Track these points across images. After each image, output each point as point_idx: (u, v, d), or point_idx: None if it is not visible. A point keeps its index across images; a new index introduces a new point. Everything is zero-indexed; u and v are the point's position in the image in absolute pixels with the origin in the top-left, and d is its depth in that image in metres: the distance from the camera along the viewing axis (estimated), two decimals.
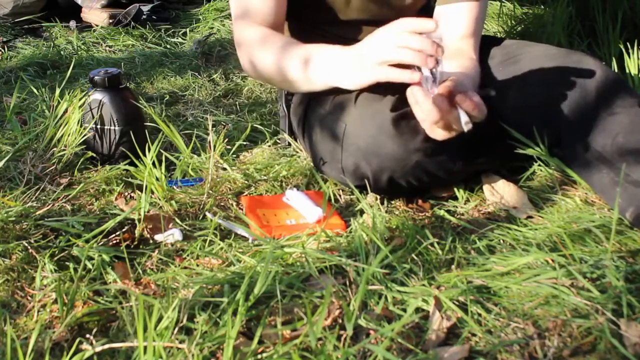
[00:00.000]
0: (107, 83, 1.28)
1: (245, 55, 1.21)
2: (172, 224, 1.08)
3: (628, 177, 1.03)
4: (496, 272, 0.91)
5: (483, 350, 0.79)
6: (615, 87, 1.10)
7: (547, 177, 1.21)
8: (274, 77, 1.19)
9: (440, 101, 0.93)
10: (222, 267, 0.95)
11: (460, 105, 0.94)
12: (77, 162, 1.28)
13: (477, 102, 0.95)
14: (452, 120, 0.96)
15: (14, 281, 0.93)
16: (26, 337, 0.81)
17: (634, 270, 0.92)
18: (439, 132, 0.99)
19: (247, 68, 1.23)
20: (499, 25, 2.24)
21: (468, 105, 0.94)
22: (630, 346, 0.77)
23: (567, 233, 0.98)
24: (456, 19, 1.21)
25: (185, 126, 1.55)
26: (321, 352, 0.73)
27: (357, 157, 1.07)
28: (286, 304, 0.86)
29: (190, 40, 2.44)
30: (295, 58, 1.12)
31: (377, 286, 0.89)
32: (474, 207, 1.14)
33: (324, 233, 1.01)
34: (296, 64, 1.12)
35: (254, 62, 1.20)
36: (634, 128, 1.05)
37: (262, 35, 1.18)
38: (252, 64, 1.21)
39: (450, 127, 0.97)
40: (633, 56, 1.58)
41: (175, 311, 0.78)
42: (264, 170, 1.27)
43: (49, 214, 1.10)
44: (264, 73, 1.20)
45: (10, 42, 2.42)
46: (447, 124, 0.96)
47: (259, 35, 1.18)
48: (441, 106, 0.93)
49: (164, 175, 1.15)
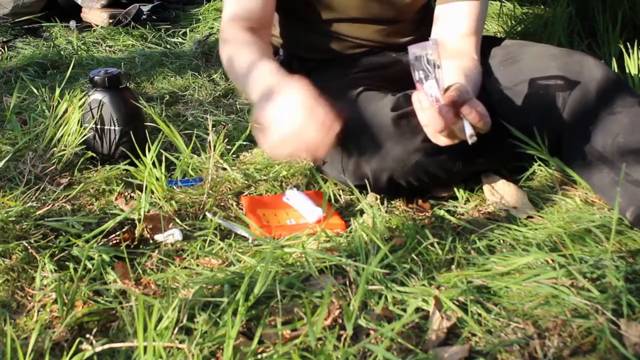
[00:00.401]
0: (107, 83, 1.28)
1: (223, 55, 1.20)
2: (172, 224, 1.08)
3: (628, 176, 1.03)
4: (496, 272, 0.91)
5: (483, 350, 0.79)
6: (616, 87, 1.10)
7: (547, 177, 1.21)
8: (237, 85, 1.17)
9: (446, 111, 0.92)
10: (222, 267, 0.95)
11: (466, 117, 0.93)
12: (77, 162, 1.28)
13: (482, 114, 0.94)
14: (457, 131, 0.95)
15: (14, 281, 0.93)
16: (26, 337, 0.81)
17: (634, 270, 0.92)
18: (442, 139, 0.98)
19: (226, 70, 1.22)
20: (499, 25, 2.23)
21: (474, 117, 0.93)
22: (630, 346, 0.77)
23: (567, 233, 0.98)
24: (456, 18, 1.20)
25: (185, 126, 1.55)
26: (321, 352, 0.73)
27: (357, 157, 1.07)
28: (286, 304, 0.86)
29: (190, 40, 2.44)
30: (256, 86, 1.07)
31: (377, 286, 0.89)
32: (474, 207, 1.14)
33: (324, 233, 1.01)
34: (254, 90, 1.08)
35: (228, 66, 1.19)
36: (634, 128, 1.05)
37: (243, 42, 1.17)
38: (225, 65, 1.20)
39: (454, 136, 0.97)
40: (633, 56, 1.58)
41: (175, 311, 0.78)
42: (264, 170, 1.27)
43: (49, 214, 1.10)
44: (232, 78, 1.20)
45: (10, 42, 2.42)
46: (451, 133, 0.96)
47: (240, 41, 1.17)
48: (446, 116, 0.92)
49: (164, 175, 1.15)
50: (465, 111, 0.93)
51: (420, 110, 0.96)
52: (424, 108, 0.95)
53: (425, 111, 0.95)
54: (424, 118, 0.96)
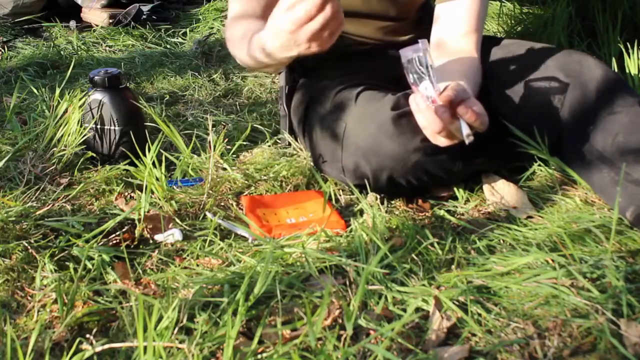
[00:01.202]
0: (107, 83, 1.28)
1: (232, 52, 1.21)
2: (172, 224, 1.08)
3: (628, 176, 1.03)
4: (496, 272, 0.91)
5: (483, 350, 0.79)
6: (616, 86, 1.10)
7: (547, 177, 1.21)
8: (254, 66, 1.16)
9: (442, 112, 0.92)
10: (222, 267, 0.95)
11: (462, 116, 0.93)
12: (77, 162, 1.28)
13: (479, 113, 0.93)
14: (454, 131, 0.95)
15: (14, 281, 0.93)
16: (26, 337, 0.81)
17: (634, 270, 0.92)
18: (441, 140, 0.98)
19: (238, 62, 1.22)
20: (499, 25, 2.23)
21: (470, 117, 0.93)
22: (630, 346, 0.77)
23: (567, 233, 0.98)
24: (457, 16, 1.20)
25: (185, 126, 1.55)
26: (321, 352, 0.73)
27: (357, 157, 1.08)
28: (286, 304, 0.86)
29: (190, 40, 2.44)
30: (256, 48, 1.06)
31: (377, 286, 0.89)
32: (474, 207, 1.14)
33: (324, 233, 1.01)
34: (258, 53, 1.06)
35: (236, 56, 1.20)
36: (634, 127, 1.05)
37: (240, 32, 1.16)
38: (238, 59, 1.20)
39: (453, 136, 0.97)
40: (633, 56, 1.58)
41: (175, 311, 0.78)
42: (264, 170, 1.27)
43: (49, 214, 1.10)
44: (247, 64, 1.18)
45: (10, 42, 2.42)
46: (450, 133, 0.96)
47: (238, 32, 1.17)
48: (443, 117, 0.92)
49: (164, 175, 1.15)
50: (461, 111, 0.93)
51: (418, 113, 0.96)
52: (421, 110, 0.95)
53: (423, 113, 0.95)
54: (422, 120, 0.96)
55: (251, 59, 1.10)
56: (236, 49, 1.17)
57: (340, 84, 1.19)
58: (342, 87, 1.18)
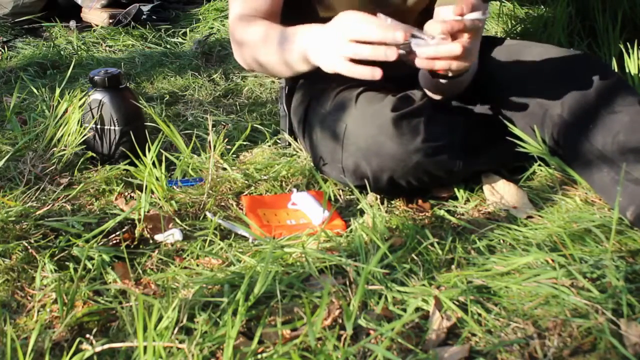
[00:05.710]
0: (107, 83, 1.28)
1: (250, 56, 1.22)
2: (172, 224, 1.08)
3: (629, 175, 1.03)
4: (496, 272, 0.91)
5: (483, 350, 0.79)
6: (616, 86, 1.10)
7: (547, 177, 1.21)
8: (283, 72, 1.21)
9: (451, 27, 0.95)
10: (222, 267, 0.95)
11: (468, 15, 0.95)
12: (77, 162, 1.28)
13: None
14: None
15: (14, 281, 0.93)
16: (26, 337, 0.81)
17: (634, 270, 0.92)
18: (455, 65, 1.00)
19: (253, 66, 1.25)
20: (499, 25, 2.24)
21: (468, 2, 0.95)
22: (630, 346, 0.77)
23: (567, 233, 0.98)
24: None
25: (185, 126, 1.55)
26: (321, 352, 0.73)
27: (357, 157, 1.08)
28: (286, 304, 0.86)
29: (190, 40, 2.44)
30: (295, 52, 1.12)
31: (377, 286, 0.89)
32: (474, 207, 1.14)
33: (324, 233, 1.01)
34: (295, 57, 1.12)
35: (259, 61, 1.21)
36: (634, 127, 1.05)
37: (263, 34, 1.18)
38: (258, 63, 1.22)
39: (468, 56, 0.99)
40: (633, 56, 1.58)
41: (175, 311, 0.78)
42: (264, 170, 1.27)
43: (49, 214, 1.10)
44: (273, 71, 1.22)
45: (10, 42, 2.42)
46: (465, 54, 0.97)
47: (259, 34, 1.18)
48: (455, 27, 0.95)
49: (164, 175, 1.15)
50: None
51: (425, 47, 0.98)
52: (438, 53, 0.98)
53: (440, 52, 0.97)
54: (443, 51, 0.98)
55: (283, 65, 1.15)
56: (258, 52, 1.18)
57: (340, 85, 1.19)
58: (342, 88, 1.18)
